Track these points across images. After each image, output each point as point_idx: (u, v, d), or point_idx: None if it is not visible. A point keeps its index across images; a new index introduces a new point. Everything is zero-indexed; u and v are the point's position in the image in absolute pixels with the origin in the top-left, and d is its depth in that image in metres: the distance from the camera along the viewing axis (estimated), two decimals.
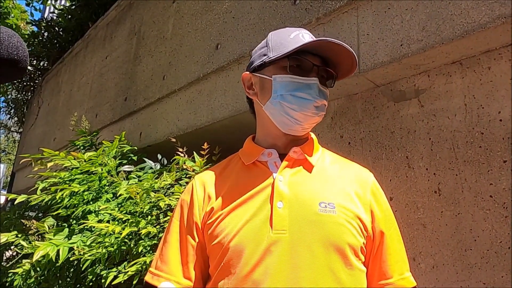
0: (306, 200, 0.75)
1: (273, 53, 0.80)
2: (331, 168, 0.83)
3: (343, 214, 0.73)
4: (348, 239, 0.71)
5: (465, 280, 1.09)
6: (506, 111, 1.10)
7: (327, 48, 0.77)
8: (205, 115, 2.13)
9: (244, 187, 0.78)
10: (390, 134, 1.37)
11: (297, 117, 0.78)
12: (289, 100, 0.77)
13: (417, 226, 1.23)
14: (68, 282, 1.78)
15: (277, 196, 0.75)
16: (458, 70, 1.22)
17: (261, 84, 0.83)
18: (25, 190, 5.18)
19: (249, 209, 0.75)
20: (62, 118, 4.56)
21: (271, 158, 0.82)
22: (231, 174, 0.84)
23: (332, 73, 0.82)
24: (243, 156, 0.86)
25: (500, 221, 1.06)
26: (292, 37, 0.80)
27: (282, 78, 0.78)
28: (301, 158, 0.82)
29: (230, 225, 0.74)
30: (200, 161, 1.75)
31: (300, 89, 0.77)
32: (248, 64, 0.89)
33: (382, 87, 1.44)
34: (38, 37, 6.45)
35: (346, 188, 0.79)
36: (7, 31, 0.61)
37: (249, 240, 0.71)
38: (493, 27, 1.05)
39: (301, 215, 0.73)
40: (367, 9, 1.39)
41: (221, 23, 2.16)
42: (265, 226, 0.72)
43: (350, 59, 0.78)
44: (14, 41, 0.61)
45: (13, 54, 0.60)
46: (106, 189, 1.97)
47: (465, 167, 1.15)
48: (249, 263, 0.69)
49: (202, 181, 0.85)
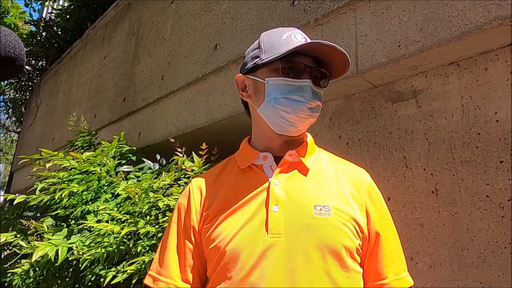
0: (302, 204, 0.75)
1: (265, 55, 0.80)
2: (327, 170, 0.83)
3: (339, 216, 0.74)
4: (343, 241, 0.72)
5: (462, 279, 1.10)
6: (502, 111, 1.11)
7: (319, 50, 0.77)
8: (204, 116, 2.14)
9: (240, 191, 0.79)
10: (388, 135, 1.37)
11: (291, 120, 0.79)
12: (283, 103, 0.77)
13: (415, 226, 1.23)
14: (67, 282, 1.79)
15: (273, 200, 0.75)
16: (455, 71, 1.23)
17: (254, 86, 0.83)
18: (23, 190, 5.17)
19: (245, 213, 0.75)
20: (60, 118, 4.55)
21: (266, 161, 0.82)
22: (227, 178, 0.85)
23: (326, 73, 0.82)
24: (239, 159, 0.87)
25: (496, 221, 1.07)
26: (284, 38, 0.80)
27: (275, 81, 0.79)
28: (297, 161, 0.82)
29: (226, 229, 0.74)
30: (199, 161, 1.76)
31: (293, 91, 0.77)
32: (242, 66, 0.89)
33: (380, 87, 1.44)
34: (36, 37, 6.43)
35: (341, 189, 0.79)
36: (4, 30, 0.61)
37: (245, 244, 0.72)
38: (490, 29, 1.05)
39: (297, 218, 0.73)
40: (365, 10, 1.39)
41: (220, 23, 2.17)
42: (261, 230, 0.72)
43: (342, 59, 0.78)
44: (11, 39, 0.61)
45: (10, 52, 0.61)
46: (105, 189, 1.98)
47: (462, 167, 1.16)
48: (245, 267, 0.70)
49: (198, 185, 0.85)
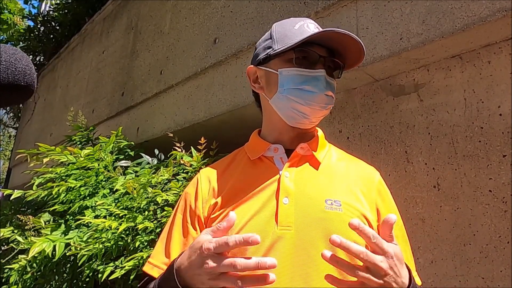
0: (313, 197, 0.74)
1: (278, 45, 0.78)
2: (337, 165, 0.82)
3: (349, 212, 0.72)
4: (353, 237, 0.70)
5: (463, 274, 1.09)
6: (506, 105, 1.09)
7: (333, 39, 0.75)
8: (203, 110, 2.12)
9: (250, 182, 0.77)
10: (389, 129, 1.36)
11: (304, 111, 0.77)
12: (296, 94, 0.76)
13: (416, 221, 1.22)
14: (64, 277, 1.78)
15: (283, 192, 0.74)
16: (458, 64, 1.22)
17: (267, 78, 0.81)
18: (21, 186, 5.15)
19: (254, 205, 0.74)
20: (58, 113, 4.53)
21: (277, 153, 0.81)
22: (236, 169, 0.83)
23: (339, 63, 0.80)
24: (248, 150, 0.85)
25: (499, 216, 1.05)
26: (297, 28, 0.78)
27: (288, 71, 0.76)
28: (308, 154, 0.80)
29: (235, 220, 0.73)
30: (198, 156, 1.74)
31: (306, 82, 0.75)
32: (253, 57, 0.86)
33: (381, 81, 1.43)
34: (34, 31, 6.40)
35: (352, 186, 0.78)
36: (14, 53, 0.55)
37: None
38: (493, 21, 1.04)
39: (307, 211, 0.72)
40: (366, 3, 1.37)
41: (219, 17, 2.14)
42: (270, 222, 0.71)
43: (357, 48, 0.76)
44: (21, 66, 0.55)
45: (19, 80, 0.54)
46: (103, 184, 1.96)
47: (464, 162, 1.15)
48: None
49: (207, 174, 0.84)
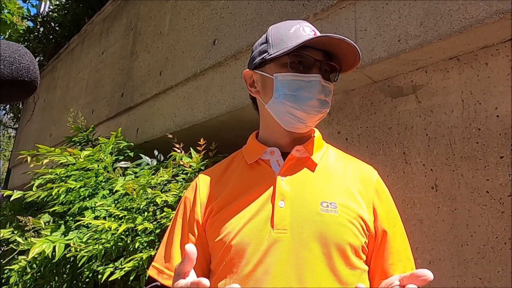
0: (308, 200, 0.74)
1: (273, 49, 0.78)
2: (334, 166, 0.82)
3: (345, 214, 0.73)
4: (349, 239, 0.71)
5: (461, 275, 1.10)
6: (503, 107, 1.10)
7: (329, 43, 0.75)
8: (202, 111, 2.12)
9: (246, 186, 0.78)
10: (387, 130, 1.37)
11: (300, 116, 0.77)
12: (291, 100, 0.76)
13: (414, 222, 1.23)
14: (64, 278, 1.78)
15: (279, 195, 0.74)
16: (456, 66, 1.22)
17: (262, 82, 0.82)
18: (21, 187, 5.15)
19: (251, 208, 0.74)
20: (58, 114, 4.53)
21: (273, 156, 0.81)
22: (234, 173, 0.84)
23: (335, 66, 0.80)
24: (246, 154, 0.85)
25: (496, 217, 1.06)
26: (292, 32, 0.78)
27: (283, 76, 0.77)
28: (304, 156, 0.81)
29: (232, 224, 0.73)
30: (197, 157, 1.75)
31: (302, 87, 0.75)
32: (249, 61, 0.87)
33: (379, 83, 1.43)
34: (33, 32, 6.39)
35: (349, 186, 0.78)
36: (18, 49, 0.56)
37: (251, 239, 0.71)
38: (491, 23, 1.04)
39: (303, 214, 0.72)
40: (364, 5, 1.38)
41: (218, 18, 2.15)
42: (266, 225, 0.72)
43: (353, 52, 0.76)
44: (25, 62, 0.55)
45: (23, 76, 0.55)
46: (103, 185, 1.97)
47: (462, 163, 1.15)
48: (250, 262, 0.69)
49: (205, 178, 0.85)
